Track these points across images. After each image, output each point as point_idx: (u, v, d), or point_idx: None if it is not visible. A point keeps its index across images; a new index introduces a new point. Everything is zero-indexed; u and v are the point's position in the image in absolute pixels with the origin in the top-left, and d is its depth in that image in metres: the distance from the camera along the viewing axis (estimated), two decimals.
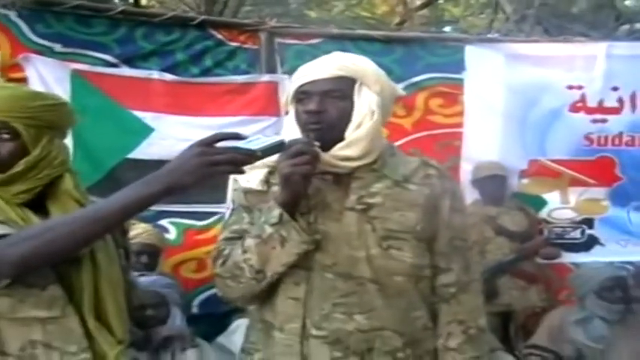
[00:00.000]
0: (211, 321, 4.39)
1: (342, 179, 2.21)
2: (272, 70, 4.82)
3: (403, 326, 2.22)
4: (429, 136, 4.87)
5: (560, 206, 4.85)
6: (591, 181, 4.82)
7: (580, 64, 4.84)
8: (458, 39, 5.53)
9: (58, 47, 4.45)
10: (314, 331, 2.18)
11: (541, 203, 4.91)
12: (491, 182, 4.78)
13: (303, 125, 2.20)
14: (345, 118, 2.19)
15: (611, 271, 4.38)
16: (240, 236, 2.23)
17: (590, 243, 4.81)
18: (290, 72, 4.73)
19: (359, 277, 2.18)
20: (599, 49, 4.86)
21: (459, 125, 4.90)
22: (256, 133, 4.50)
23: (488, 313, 3.78)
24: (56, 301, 1.97)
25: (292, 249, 2.14)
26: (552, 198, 4.88)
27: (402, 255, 2.21)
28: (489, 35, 7.61)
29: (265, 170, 2.23)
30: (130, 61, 4.62)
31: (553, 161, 4.85)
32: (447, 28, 10.36)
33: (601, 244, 4.81)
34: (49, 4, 4.51)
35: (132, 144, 4.47)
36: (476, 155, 4.85)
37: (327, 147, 2.16)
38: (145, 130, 4.49)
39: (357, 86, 2.22)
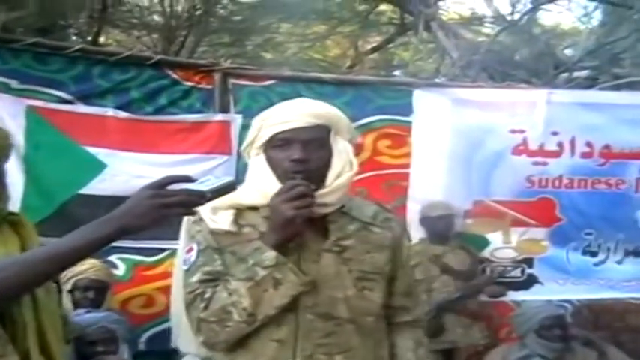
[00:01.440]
0: (158, 357, 4.31)
1: (315, 222, 2.20)
2: (225, 109, 4.80)
3: None
4: (376, 176, 4.85)
5: (502, 246, 4.87)
6: (532, 221, 4.84)
7: (522, 110, 4.89)
8: (406, 83, 5.56)
9: (14, 83, 4.40)
10: None
11: (484, 243, 4.91)
12: (440, 221, 4.78)
13: (284, 172, 2.17)
14: (325, 165, 2.20)
15: (550, 309, 4.40)
16: (213, 278, 2.16)
17: (529, 281, 4.83)
18: (243, 112, 4.74)
19: (338, 318, 2.18)
20: (539, 95, 4.93)
21: (407, 166, 4.90)
22: (208, 170, 4.51)
23: (433, 350, 3.78)
24: None
25: (288, 290, 2.10)
26: (495, 238, 4.89)
27: (373, 295, 2.25)
28: (437, 79, 7.69)
29: (232, 211, 2.20)
30: (86, 99, 4.57)
31: (496, 202, 4.86)
32: (397, 72, 10.46)
33: (540, 283, 4.84)
34: (6, 41, 4.46)
35: (84, 180, 4.39)
36: (422, 195, 4.84)
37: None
38: (98, 167, 4.42)
39: (332, 135, 2.23)
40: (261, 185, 2.19)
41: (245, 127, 4.59)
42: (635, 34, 7.68)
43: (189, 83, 4.79)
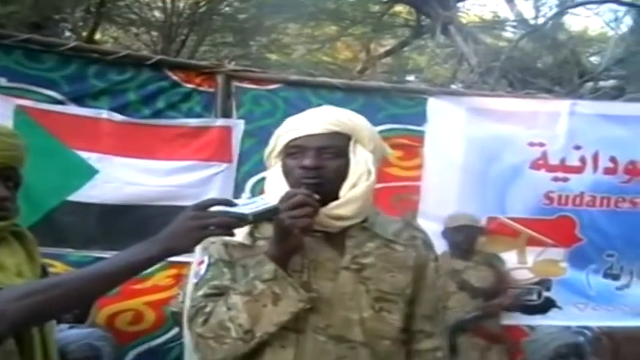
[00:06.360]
0: None
1: (333, 238, 2.18)
2: (227, 114, 4.77)
3: None
4: (385, 188, 4.76)
5: (517, 266, 4.83)
6: (550, 241, 4.81)
7: (542, 121, 4.85)
8: (420, 90, 5.55)
9: (3, 81, 4.39)
10: None
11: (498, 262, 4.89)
12: (459, 233, 4.75)
13: (296, 180, 2.15)
14: (341, 175, 2.17)
15: (566, 336, 4.36)
16: (220, 293, 2.14)
17: (546, 305, 4.79)
18: (245, 117, 4.72)
19: (351, 341, 2.15)
20: (562, 106, 4.89)
21: (417, 179, 4.86)
22: (206, 179, 4.51)
23: None
24: (11, 356, 2.00)
25: (287, 307, 2.07)
26: (509, 257, 4.85)
27: (391, 318, 2.21)
28: (453, 86, 7.69)
29: None
30: (79, 100, 4.55)
31: (512, 219, 4.83)
32: (411, 77, 10.45)
33: (558, 307, 4.80)
34: None
35: (74, 186, 4.38)
36: (433, 210, 4.81)
37: (320, 204, 2.11)
38: (89, 172, 4.40)
39: (352, 143, 2.21)
40: (275, 195, 2.14)
41: (247, 134, 4.59)
42: None
43: (189, 86, 4.76)
